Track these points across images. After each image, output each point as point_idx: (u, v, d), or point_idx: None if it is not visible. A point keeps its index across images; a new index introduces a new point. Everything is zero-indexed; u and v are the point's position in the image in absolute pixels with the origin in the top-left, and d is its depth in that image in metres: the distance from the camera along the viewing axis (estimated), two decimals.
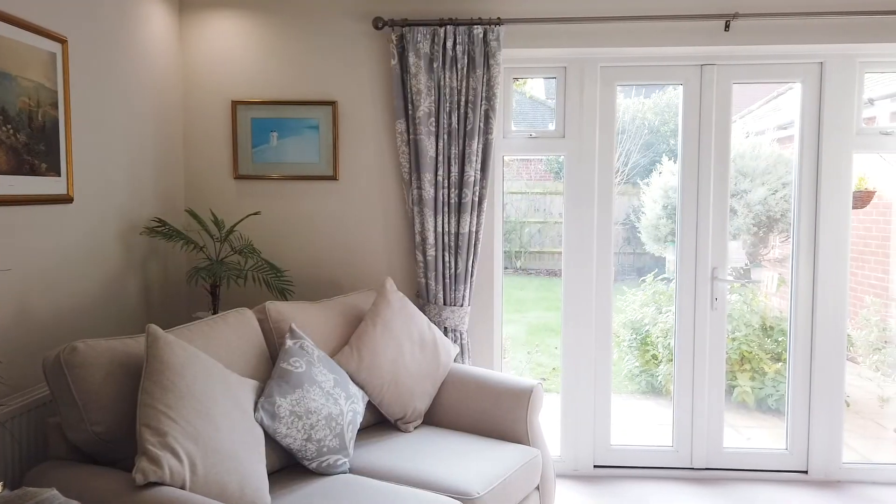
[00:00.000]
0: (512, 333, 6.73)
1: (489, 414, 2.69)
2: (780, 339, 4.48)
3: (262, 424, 2.14)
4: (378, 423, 2.72)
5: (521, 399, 2.65)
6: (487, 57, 3.03)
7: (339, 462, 2.29)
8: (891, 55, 3.18)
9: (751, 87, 5.87)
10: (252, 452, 2.01)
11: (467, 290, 3.13)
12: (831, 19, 3.01)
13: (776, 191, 4.86)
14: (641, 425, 4.41)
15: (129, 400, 1.95)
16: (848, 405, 4.51)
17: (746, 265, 5.25)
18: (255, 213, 3.19)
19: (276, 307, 2.56)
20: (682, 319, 3.36)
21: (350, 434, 2.35)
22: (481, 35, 3.01)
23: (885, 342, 4.36)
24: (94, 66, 2.59)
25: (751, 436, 4.14)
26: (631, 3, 3.08)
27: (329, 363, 2.45)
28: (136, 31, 2.87)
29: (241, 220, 3.12)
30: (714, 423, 3.37)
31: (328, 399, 2.31)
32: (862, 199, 4.50)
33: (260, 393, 2.22)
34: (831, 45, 3.06)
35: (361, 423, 2.57)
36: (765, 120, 5.56)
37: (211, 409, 1.96)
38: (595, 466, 3.38)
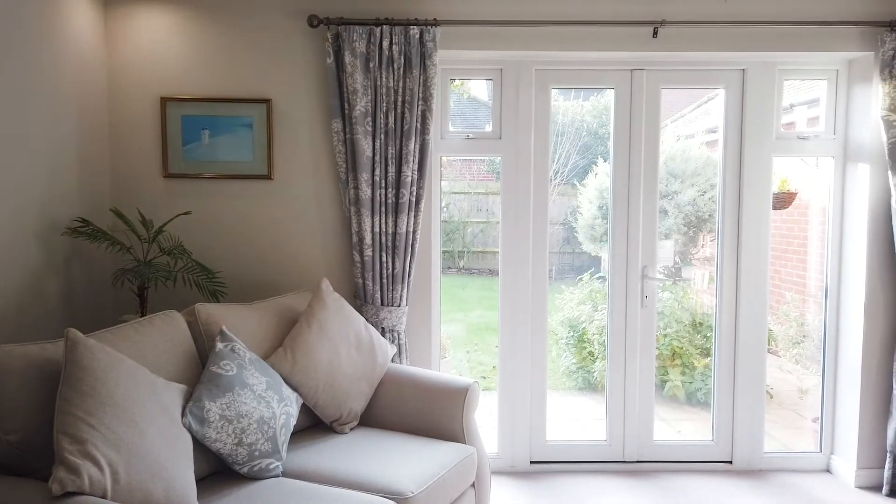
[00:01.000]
0: (454, 333, 6.77)
1: (426, 413, 2.70)
2: (709, 334, 4.66)
3: (190, 430, 2.09)
4: (313, 425, 2.70)
5: (457, 398, 2.67)
6: (424, 57, 3.04)
7: (272, 466, 2.25)
8: (807, 63, 3.35)
9: (684, 92, 6.08)
10: (179, 458, 1.96)
11: (405, 291, 3.13)
12: (752, 28, 3.15)
13: (705, 192, 5.06)
14: (578, 421, 4.51)
15: (46, 407, 1.86)
16: (771, 397, 4.73)
17: (678, 264, 5.44)
18: (186, 213, 3.11)
19: (207, 309, 2.50)
20: (615, 317, 3.45)
21: (283, 437, 2.32)
22: (417, 36, 3.02)
23: (804, 336, 4.59)
24: (9, 58, 2.47)
25: (681, 428, 4.29)
26: (565, 8, 3.14)
27: (262, 366, 2.41)
28: (56, 22, 2.75)
29: (171, 219, 3.03)
30: (645, 417, 3.47)
31: (260, 402, 2.27)
32: (784, 200, 4.72)
33: (189, 397, 2.17)
34: (752, 52, 3.20)
35: (296, 426, 2.54)
36: (695, 124, 5.77)
37: (135, 415, 1.90)
38: (531, 462, 3.44)
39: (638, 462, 3.46)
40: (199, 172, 3.19)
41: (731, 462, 3.46)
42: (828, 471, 3.45)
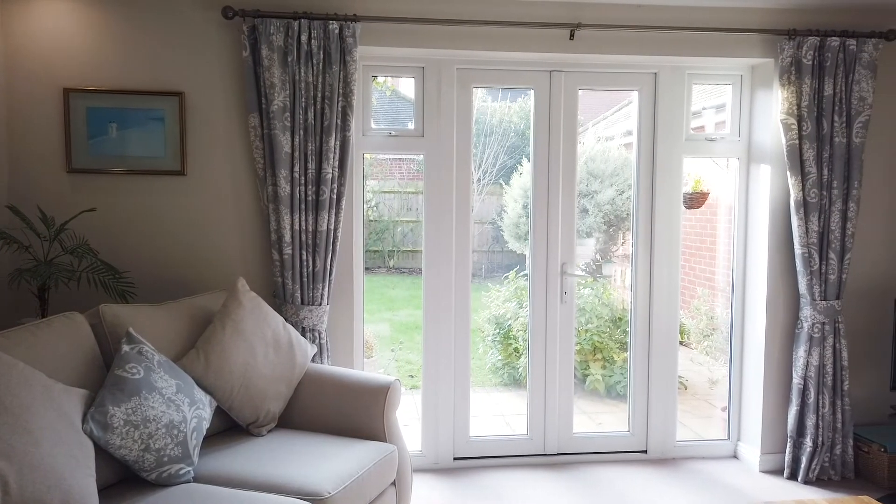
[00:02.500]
0: (382, 332, 6.73)
1: (346, 413, 2.67)
2: (627, 329, 4.81)
3: (91, 436, 1.99)
4: (229, 428, 2.62)
5: (378, 396, 2.66)
6: (344, 53, 3.01)
7: (182, 471, 2.17)
8: (714, 68, 3.51)
9: (606, 96, 6.27)
10: (79, 467, 1.86)
11: (326, 289, 3.08)
12: (663, 34, 3.27)
13: (623, 191, 5.23)
14: (503, 417, 4.57)
15: None
16: (685, 388, 4.94)
17: (599, 261, 5.60)
18: (90, 210, 2.95)
19: (112, 310, 2.38)
20: (535, 313, 3.52)
21: (195, 441, 2.24)
22: (337, 31, 2.98)
23: (714, 329, 4.82)
24: None
25: (602, 421, 4.42)
26: (485, 8, 3.17)
27: (172, 368, 2.32)
28: None
29: (74, 216, 2.87)
30: (565, 411, 3.56)
31: (169, 406, 2.19)
32: (698, 199, 4.94)
33: (91, 403, 2.06)
34: (663, 57, 3.32)
35: (209, 430, 2.46)
36: (615, 126, 5.96)
37: (29, 423, 1.79)
38: (455, 459, 3.46)
39: (558, 455, 3.54)
40: (107, 168, 3.04)
41: (646, 452, 3.59)
42: (735, 457, 3.63)
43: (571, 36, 3.22)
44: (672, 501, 3.08)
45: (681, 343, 5.02)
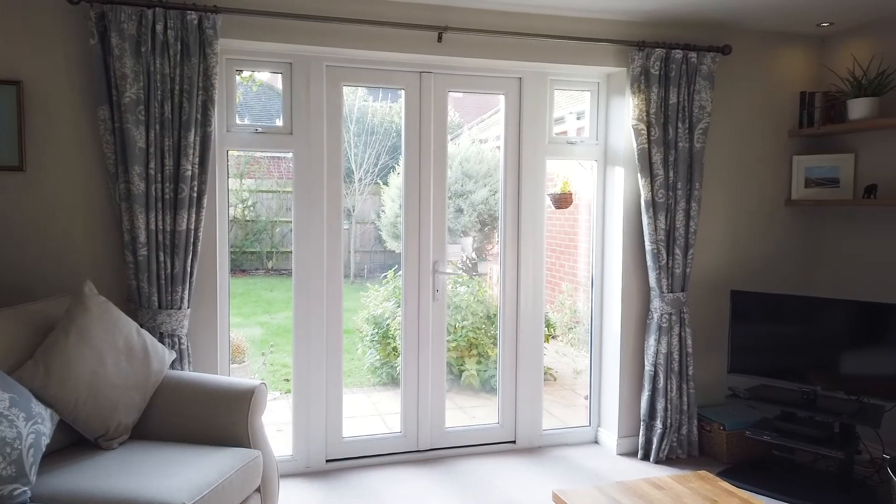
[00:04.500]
0: (256, 336, 6.52)
1: (208, 420, 2.56)
2: None
3: None
4: (76, 442, 2.44)
5: (242, 401, 2.57)
6: (204, 45, 2.89)
7: (17, 492, 1.99)
8: (574, 75, 3.71)
9: (484, 100, 6.43)
10: None
11: (186, 292, 2.95)
12: (527, 40, 3.41)
13: (496, 192, 5.38)
14: (380, 416, 4.58)
15: None
16: (554, 379, 5.19)
17: (474, 259, 5.74)
18: None
19: None
20: (408, 311, 3.55)
21: (32, 459, 2.06)
22: (196, 22, 2.86)
23: (577, 322, 5.10)
24: None
25: (476, 415, 4.54)
26: (355, 7, 3.16)
27: (5, 381, 2.13)
28: None
29: None
30: (437, 407, 3.62)
31: (1, 422, 2.00)
32: (565, 200, 5.20)
33: None
34: (527, 63, 3.47)
35: (51, 446, 2.28)
36: (491, 129, 6.14)
37: None
38: (328, 461, 3.43)
39: (431, 450, 3.60)
40: None
41: (514, 442, 3.73)
42: (596, 442, 3.86)
43: (440, 38, 3.28)
44: (535, 487, 3.22)
45: (552, 336, 5.27)
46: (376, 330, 5.30)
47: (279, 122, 3.35)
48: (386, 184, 6.87)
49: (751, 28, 3.73)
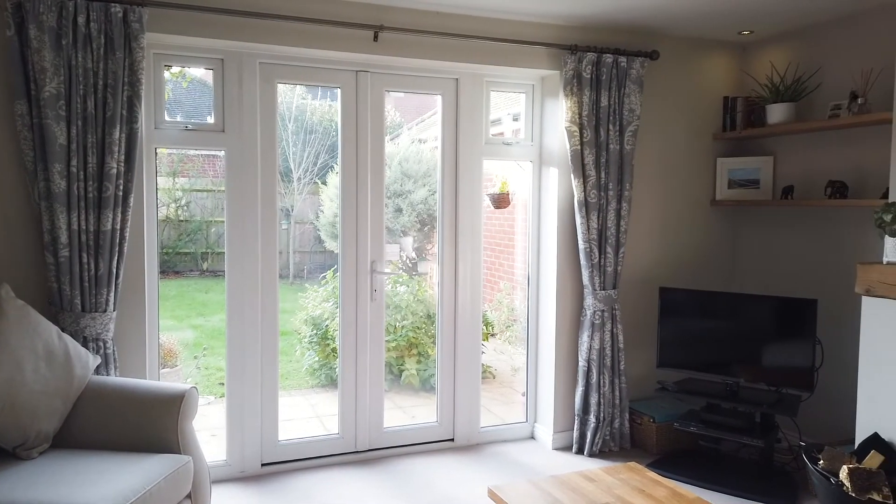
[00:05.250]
0: (189, 339, 6.34)
1: (136, 426, 2.48)
2: None
3: None
4: None
5: (171, 406, 2.50)
6: (129, 39, 2.79)
7: None
8: (509, 77, 3.76)
9: (424, 99, 6.44)
10: None
11: (112, 294, 2.84)
12: (463, 42, 3.44)
13: (435, 192, 5.41)
14: (318, 418, 4.53)
15: None
16: (493, 376, 5.25)
17: (414, 259, 5.75)
18: None
19: None
20: (346, 312, 3.53)
21: None
22: (121, 15, 2.76)
23: (514, 320, 5.18)
24: None
25: (415, 414, 4.54)
26: (289, 3, 3.11)
27: None
28: None
29: None
30: (376, 407, 3.61)
31: None
32: (504, 200, 5.27)
33: None
34: (463, 64, 3.50)
35: None
36: (431, 129, 6.16)
37: None
38: (263, 465, 3.37)
39: (369, 451, 3.58)
40: None
41: (453, 440, 3.76)
42: (533, 437, 3.93)
43: (375, 38, 3.27)
44: (472, 484, 3.26)
45: (490, 334, 5.33)
46: (315, 331, 5.24)
47: (211, 120, 3.27)
48: (325, 183, 6.80)
49: (677, 35, 3.88)
